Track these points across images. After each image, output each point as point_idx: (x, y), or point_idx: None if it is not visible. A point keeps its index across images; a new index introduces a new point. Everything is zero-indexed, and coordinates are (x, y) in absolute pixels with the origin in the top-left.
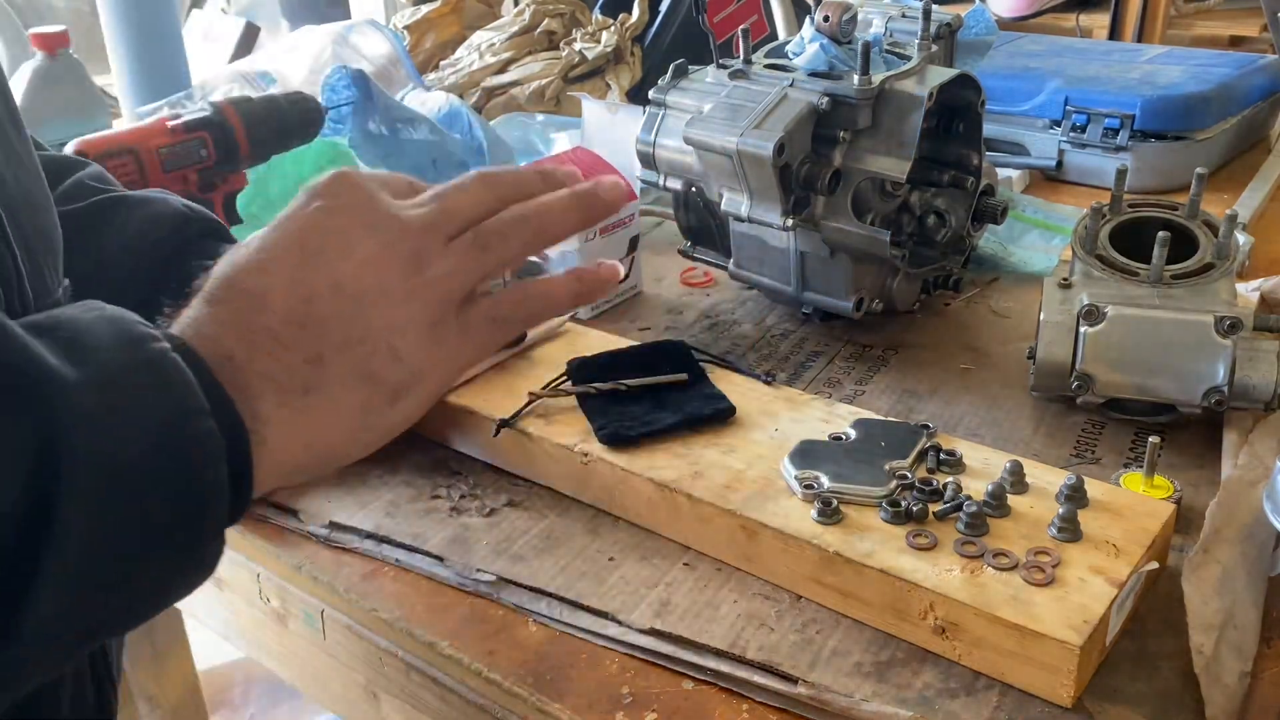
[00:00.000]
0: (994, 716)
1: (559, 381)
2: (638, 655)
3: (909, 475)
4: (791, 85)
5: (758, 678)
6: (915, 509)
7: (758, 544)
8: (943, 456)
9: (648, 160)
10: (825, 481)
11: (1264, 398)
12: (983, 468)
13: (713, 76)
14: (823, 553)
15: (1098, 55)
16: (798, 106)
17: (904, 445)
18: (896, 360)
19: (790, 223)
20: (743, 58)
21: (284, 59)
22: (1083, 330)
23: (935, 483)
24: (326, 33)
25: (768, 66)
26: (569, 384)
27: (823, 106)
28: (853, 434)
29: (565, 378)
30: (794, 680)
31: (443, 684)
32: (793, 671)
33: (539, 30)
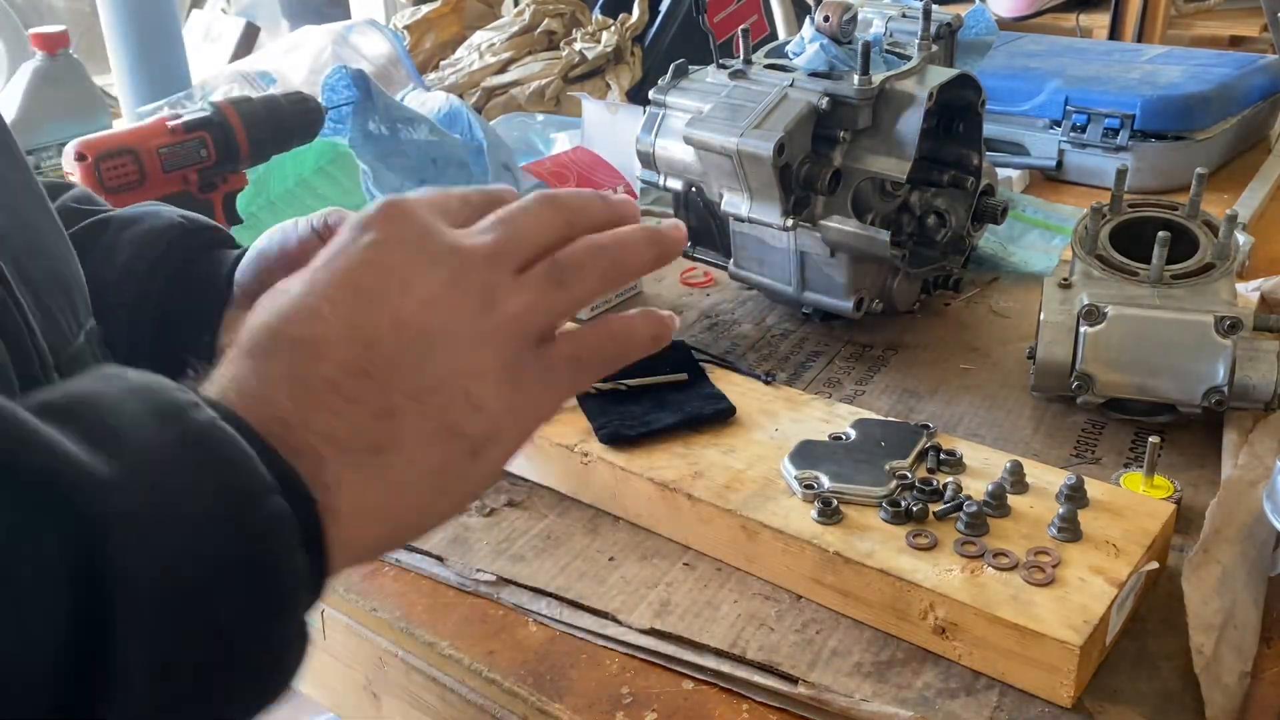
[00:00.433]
0: (994, 717)
1: None
2: (638, 655)
3: (909, 475)
4: (791, 85)
5: (758, 678)
6: (915, 509)
7: (758, 544)
8: (943, 456)
9: (648, 160)
10: (825, 481)
11: (1264, 398)
12: (983, 467)
13: (713, 76)
14: (823, 553)
15: (1098, 55)
16: (798, 106)
17: (904, 445)
18: (896, 360)
19: (790, 223)
20: (743, 58)
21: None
22: (1083, 330)
23: (935, 483)
24: (326, 32)
25: (768, 66)
26: None
27: (823, 106)
28: (853, 434)
29: None
30: (794, 680)
31: (443, 684)
32: (793, 671)
33: (539, 30)
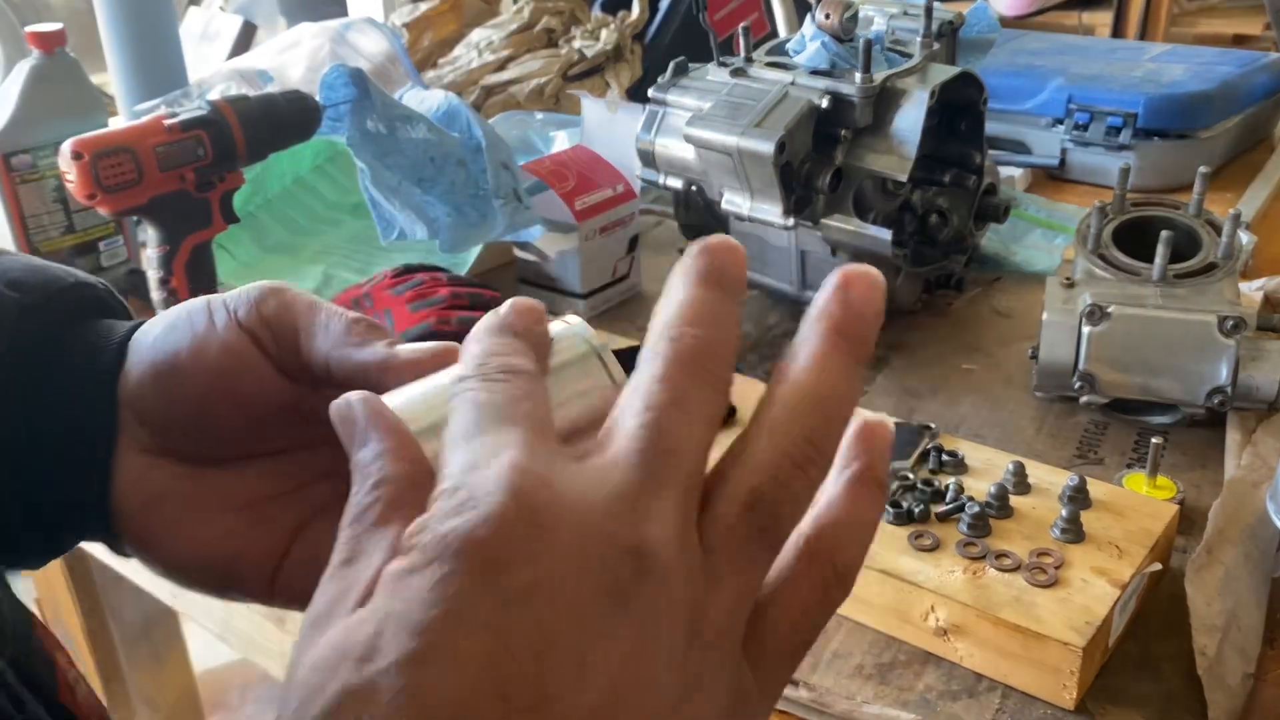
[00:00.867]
0: (996, 719)
1: None
2: None
3: (911, 476)
4: (792, 83)
5: None
6: (917, 510)
7: None
8: (945, 457)
9: (648, 159)
10: None
11: (1267, 398)
12: (985, 468)
13: (713, 74)
14: None
15: (1101, 53)
16: (799, 105)
17: (906, 446)
18: (898, 360)
19: (791, 222)
20: (743, 56)
21: (281, 57)
22: (1085, 330)
23: (937, 484)
24: (324, 30)
25: (769, 64)
26: None
27: (824, 105)
28: None
29: None
30: (795, 683)
31: None
32: (794, 674)
33: (538, 28)
